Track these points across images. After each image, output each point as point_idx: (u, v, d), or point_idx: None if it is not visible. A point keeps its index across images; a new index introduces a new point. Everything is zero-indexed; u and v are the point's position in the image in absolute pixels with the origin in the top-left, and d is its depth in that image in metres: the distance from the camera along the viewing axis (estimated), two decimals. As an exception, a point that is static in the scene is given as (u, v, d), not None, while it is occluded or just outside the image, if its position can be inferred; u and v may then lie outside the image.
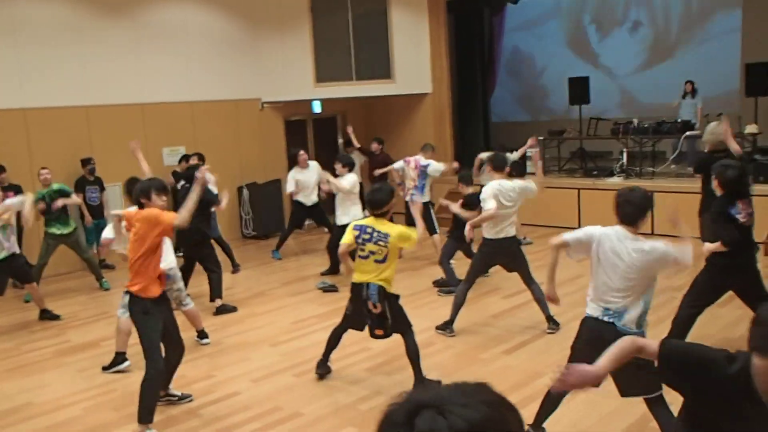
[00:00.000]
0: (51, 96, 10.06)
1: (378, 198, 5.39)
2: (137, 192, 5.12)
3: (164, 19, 11.26)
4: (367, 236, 5.35)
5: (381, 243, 5.31)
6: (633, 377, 3.99)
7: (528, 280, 6.69)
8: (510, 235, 6.65)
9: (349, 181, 8.64)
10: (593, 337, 4.00)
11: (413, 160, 9.63)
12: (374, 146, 11.53)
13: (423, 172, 9.51)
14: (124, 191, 7.21)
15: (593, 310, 4.08)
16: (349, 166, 8.79)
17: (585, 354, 4.15)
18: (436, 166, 9.51)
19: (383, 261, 5.34)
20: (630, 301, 3.97)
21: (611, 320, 3.99)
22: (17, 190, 9.38)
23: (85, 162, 10.14)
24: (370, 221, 5.43)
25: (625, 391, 4.10)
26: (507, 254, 6.70)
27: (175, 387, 5.53)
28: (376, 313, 5.35)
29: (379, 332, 5.43)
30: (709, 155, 7.00)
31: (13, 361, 6.69)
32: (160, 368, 4.91)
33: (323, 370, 5.79)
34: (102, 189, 10.32)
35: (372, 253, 5.33)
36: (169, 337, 5.10)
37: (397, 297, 5.49)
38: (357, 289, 5.42)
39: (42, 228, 9.01)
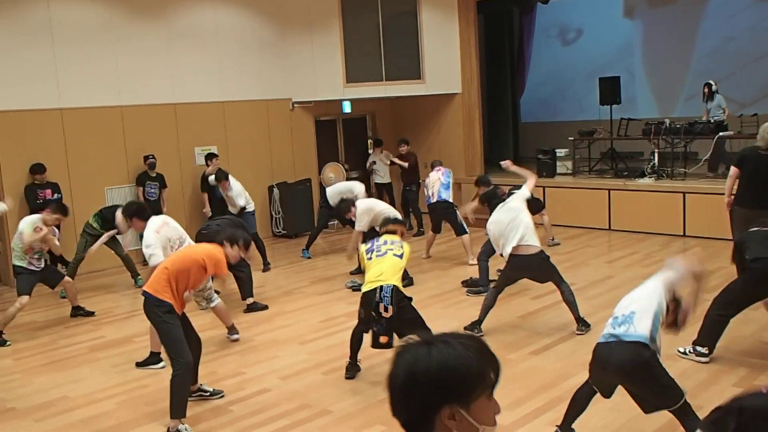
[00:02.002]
0: (87, 96, 10.25)
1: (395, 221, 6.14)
2: (226, 236, 5.32)
3: (196, 20, 11.40)
4: (380, 243, 5.72)
5: (396, 245, 5.65)
6: (652, 393, 3.98)
7: (559, 282, 6.65)
8: (531, 252, 6.46)
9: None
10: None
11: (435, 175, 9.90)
12: (402, 148, 11.57)
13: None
14: None
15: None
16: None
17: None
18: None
19: (401, 256, 5.52)
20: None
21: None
22: (54, 188, 9.62)
23: (146, 158, 10.42)
24: (383, 239, 5.83)
25: (647, 409, 4.09)
26: (534, 269, 6.63)
27: (206, 383, 5.63)
28: (386, 317, 5.31)
29: (384, 340, 5.36)
30: (751, 149, 6.86)
31: (49, 355, 6.84)
32: (189, 362, 4.99)
33: (353, 372, 5.82)
34: (163, 186, 10.57)
35: (390, 249, 5.56)
36: (188, 334, 5.18)
37: (409, 299, 5.51)
38: (369, 295, 5.43)
39: (78, 225, 9.21)
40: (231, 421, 5.16)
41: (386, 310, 5.30)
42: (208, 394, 5.53)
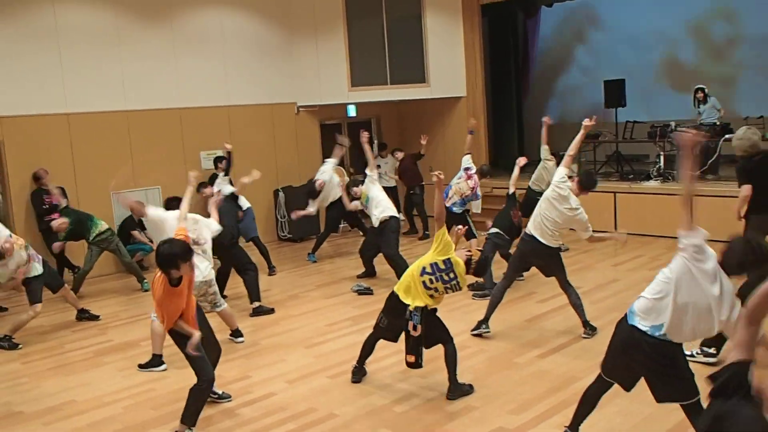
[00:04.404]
0: (93, 101, 10.29)
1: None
2: (162, 261, 4.59)
3: (202, 25, 11.44)
4: (439, 275, 5.36)
5: (450, 283, 5.35)
6: (669, 383, 3.96)
7: (564, 285, 6.65)
8: (548, 243, 6.54)
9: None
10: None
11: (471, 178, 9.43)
12: (398, 155, 11.56)
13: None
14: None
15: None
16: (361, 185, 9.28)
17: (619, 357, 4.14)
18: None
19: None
20: None
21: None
22: (61, 191, 9.64)
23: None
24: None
25: (660, 397, 4.05)
26: (542, 257, 6.68)
27: (214, 386, 5.62)
28: (415, 336, 5.26)
29: (410, 359, 5.30)
30: (747, 161, 6.88)
31: (56, 359, 6.86)
32: (211, 377, 4.98)
33: (359, 376, 5.81)
34: None
35: (437, 291, 5.35)
36: (205, 340, 5.19)
37: (434, 311, 5.48)
38: (400, 307, 5.35)
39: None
40: (238, 424, 5.16)
41: (414, 329, 5.24)
42: (216, 396, 5.54)
